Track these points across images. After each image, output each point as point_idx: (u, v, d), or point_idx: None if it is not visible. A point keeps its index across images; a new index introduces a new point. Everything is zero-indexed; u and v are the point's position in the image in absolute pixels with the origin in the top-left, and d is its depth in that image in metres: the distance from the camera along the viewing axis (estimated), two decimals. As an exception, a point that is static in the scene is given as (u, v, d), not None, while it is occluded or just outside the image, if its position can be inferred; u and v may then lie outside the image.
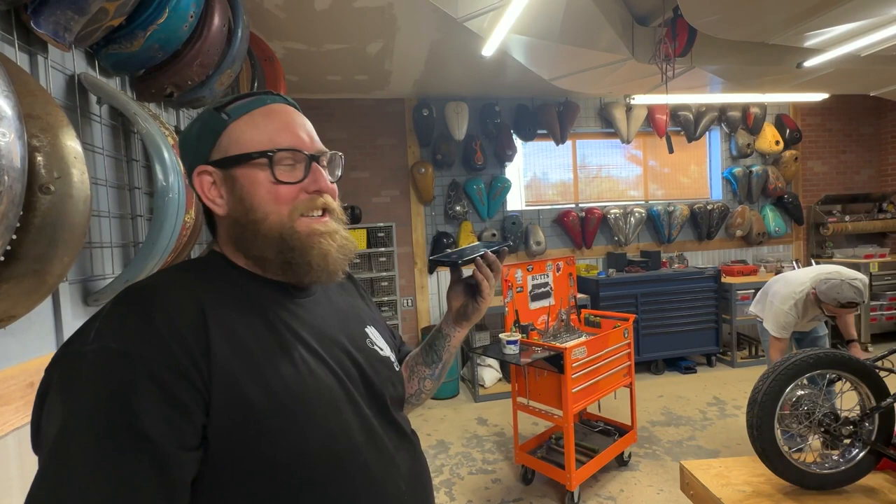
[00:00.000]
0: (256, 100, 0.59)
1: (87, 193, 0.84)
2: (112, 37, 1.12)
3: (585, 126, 4.46)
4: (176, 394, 0.46)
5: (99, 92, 1.14)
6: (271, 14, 2.47)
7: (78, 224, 0.83)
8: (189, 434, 0.47)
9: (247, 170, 0.56)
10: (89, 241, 1.11)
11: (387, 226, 4.01)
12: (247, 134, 0.57)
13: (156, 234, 1.12)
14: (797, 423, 1.19)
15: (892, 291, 4.34)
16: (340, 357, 0.61)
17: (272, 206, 0.56)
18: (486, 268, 0.73)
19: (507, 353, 2.19)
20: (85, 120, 1.14)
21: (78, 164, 0.83)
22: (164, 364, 0.46)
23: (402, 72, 3.48)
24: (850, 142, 5.07)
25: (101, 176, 1.16)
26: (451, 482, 2.52)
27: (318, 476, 0.53)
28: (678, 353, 4.05)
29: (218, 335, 0.50)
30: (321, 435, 0.53)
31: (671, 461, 2.60)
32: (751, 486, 1.22)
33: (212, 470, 0.49)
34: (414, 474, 0.64)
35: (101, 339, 0.46)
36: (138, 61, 1.22)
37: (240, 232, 0.57)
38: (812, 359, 1.21)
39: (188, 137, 0.60)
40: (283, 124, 0.58)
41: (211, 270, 0.59)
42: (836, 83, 3.35)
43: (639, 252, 4.48)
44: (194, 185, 0.58)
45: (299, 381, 0.54)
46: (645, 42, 2.58)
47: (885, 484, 1.17)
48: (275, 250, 0.56)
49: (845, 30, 2.30)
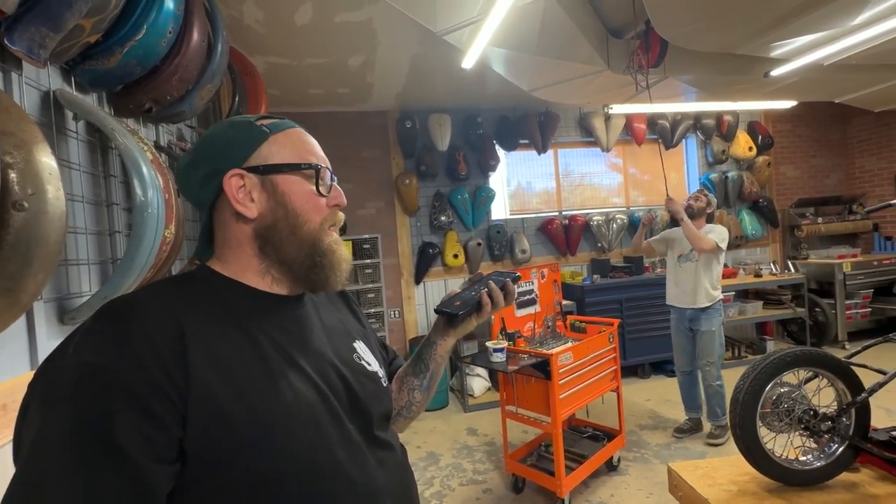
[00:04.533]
0: (283, 121, 0.65)
1: (62, 210, 0.83)
2: (89, 53, 1.12)
3: (566, 135, 4.55)
4: (151, 407, 0.46)
5: (75, 108, 1.12)
6: (251, 29, 2.47)
7: (53, 241, 0.81)
8: (164, 447, 0.47)
9: (289, 178, 0.61)
10: (65, 259, 1.09)
11: (372, 237, 4.00)
12: (286, 147, 0.62)
13: (134, 250, 1.10)
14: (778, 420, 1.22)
15: (866, 290, 4.49)
16: (326, 372, 0.61)
17: (311, 215, 0.62)
18: (497, 292, 0.75)
19: (495, 362, 2.19)
20: (61, 136, 1.12)
21: (53, 181, 0.82)
22: (139, 378, 0.46)
23: (384, 85, 3.51)
24: (819, 147, 5.27)
25: (77, 192, 1.14)
26: (442, 494, 2.49)
27: (297, 491, 0.53)
28: (663, 356, 4.09)
29: (196, 350, 0.50)
30: (301, 450, 0.53)
31: (660, 464, 2.61)
32: (736, 485, 1.23)
33: (189, 484, 0.49)
34: (400, 490, 0.64)
35: (79, 354, 0.47)
36: (116, 77, 1.21)
37: (272, 234, 0.60)
38: (790, 357, 1.24)
39: (216, 142, 0.62)
40: (310, 146, 0.65)
41: (195, 285, 0.59)
42: (802, 91, 3.49)
43: (622, 258, 4.55)
44: (224, 186, 0.59)
45: (279, 395, 0.53)
46: (619, 54, 2.66)
47: (865, 478, 1.20)
48: (307, 252, 0.61)
49: (808, 40, 2.41)
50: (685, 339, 2.99)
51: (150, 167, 1.15)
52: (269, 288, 0.62)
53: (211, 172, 0.60)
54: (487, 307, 0.74)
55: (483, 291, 0.74)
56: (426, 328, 4.23)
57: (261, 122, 0.62)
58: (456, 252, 4.12)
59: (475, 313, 0.75)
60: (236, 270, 0.61)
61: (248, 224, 0.60)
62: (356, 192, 4.09)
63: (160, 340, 0.49)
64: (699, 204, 2.91)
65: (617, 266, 4.32)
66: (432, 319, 4.25)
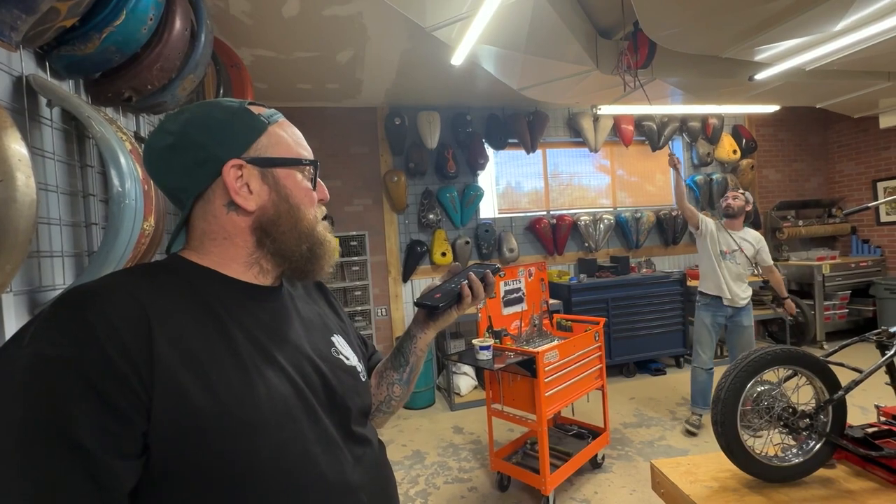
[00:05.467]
0: (275, 111, 0.64)
1: (32, 198, 0.80)
2: (65, 38, 1.08)
3: (555, 135, 4.57)
4: (113, 400, 0.44)
5: (49, 94, 1.08)
6: (237, 20, 2.43)
7: (22, 230, 0.78)
8: (127, 441, 0.45)
9: (290, 171, 0.61)
10: (37, 250, 1.05)
11: (360, 234, 3.98)
12: (283, 140, 0.62)
13: (111, 243, 1.07)
14: (758, 417, 1.24)
15: (843, 291, 4.60)
16: (302, 365, 0.59)
17: (309, 209, 0.63)
18: (478, 283, 0.75)
19: (481, 359, 2.19)
20: (34, 123, 1.08)
21: (23, 168, 0.79)
22: (100, 369, 0.44)
23: (373, 81, 3.48)
24: (800, 151, 5.38)
25: (51, 182, 1.10)
26: (427, 492, 2.49)
27: (269, 487, 0.51)
28: (648, 355, 4.15)
29: (163, 340, 0.48)
30: (273, 445, 0.52)
31: (643, 461, 2.64)
32: (718, 481, 1.25)
33: (154, 480, 0.47)
34: (377, 487, 0.63)
35: (36, 344, 0.44)
36: (93, 64, 1.17)
37: (273, 228, 0.60)
38: (770, 355, 1.26)
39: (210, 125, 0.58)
40: (300, 138, 0.65)
41: (165, 274, 0.56)
42: (785, 96, 3.56)
43: (608, 258, 4.59)
44: (224, 176, 0.57)
45: (252, 389, 0.52)
46: (608, 54, 2.67)
47: (841, 474, 1.22)
48: (308, 245, 0.62)
49: (791, 45, 2.45)
50: (715, 335, 3.01)
51: (128, 158, 1.12)
52: (251, 279, 0.60)
53: (204, 159, 0.56)
54: (468, 299, 0.74)
55: (463, 283, 0.74)
56: (413, 326, 4.22)
57: (252, 108, 0.61)
58: (444, 250, 4.12)
59: (455, 305, 0.74)
60: (217, 261, 0.59)
61: (245, 216, 0.59)
62: (344, 189, 4.06)
63: (124, 330, 0.46)
64: (738, 203, 2.89)
65: (603, 266, 4.36)
66: (419, 317, 4.23)
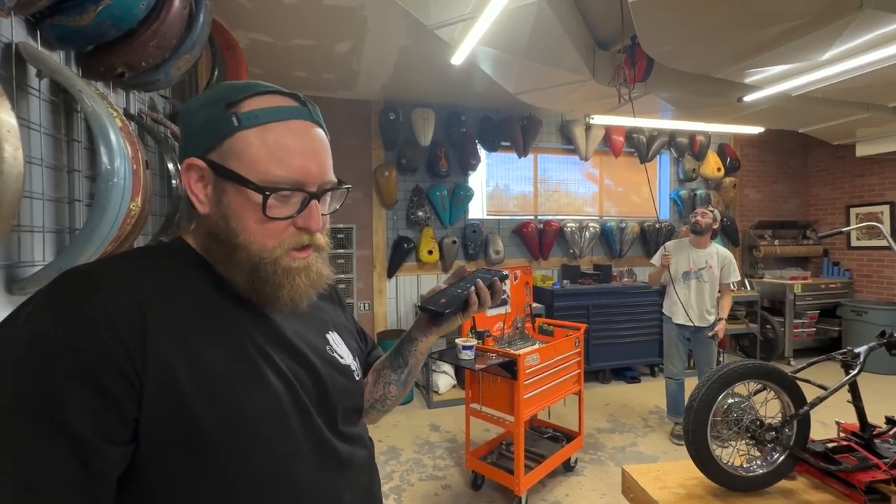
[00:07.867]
0: (279, 109, 0.53)
1: (19, 170, 0.78)
2: (59, 7, 1.05)
3: (547, 141, 4.62)
4: (105, 384, 0.44)
5: (39, 64, 1.05)
6: (236, 2, 2.39)
7: (7, 202, 0.76)
8: (116, 427, 0.45)
9: (239, 190, 0.52)
10: (18, 224, 1.02)
11: (347, 227, 3.95)
12: (253, 149, 0.52)
13: (96, 221, 1.05)
14: (727, 428, 1.28)
15: (813, 311, 4.77)
16: (296, 362, 0.59)
17: (258, 238, 0.53)
18: (485, 291, 0.71)
19: (463, 359, 2.20)
20: (21, 93, 1.05)
21: (11, 139, 0.77)
22: (93, 353, 0.44)
23: (370, 74, 3.46)
24: (780, 173, 5.55)
25: (36, 155, 1.07)
26: (401, 489, 2.49)
27: (255, 481, 0.51)
28: (624, 363, 4.23)
29: (156, 327, 0.48)
30: (261, 440, 0.52)
31: (614, 466, 2.70)
32: (685, 488, 1.29)
33: (142, 467, 0.47)
34: (362, 486, 0.63)
35: (31, 324, 0.44)
36: (87, 36, 1.14)
37: (213, 245, 0.55)
38: (742, 369, 1.31)
39: (191, 122, 0.55)
40: (294, 150, 0.53)
41: (166, 259, 0.56)
42: (770, 118, 3.67)
43: (592, 265, 4.66)
44: (181, 173, 0.55)
45: (242, 382, 0.52)
46: (605, 65, 2.71)
47: (801, 486, 1.27)
48: (245, 277, 0.54)
49: (780, 70, 2.53)
50: (683, 348, 3.09)
51: (118, 134, 1.10)
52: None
53: (181, 149, 0.57)
54: (474, 306, 0.71)
55: (471, 290, 0.71)
56: (396, 322, 4.21)
57: (246, 102, 0.53)
58: (431, 248, 4.12)
59: (461, 312, 0.72)
60: (202, 251, 0.58)
61: (201, 218, 0.56)
62: (333, 180, 4.02)
63: (118, 313, 0.46)
64: (706, 220, 2.95)
65: (587, 273, 4.43)
66: (403, 314, 4.24)
